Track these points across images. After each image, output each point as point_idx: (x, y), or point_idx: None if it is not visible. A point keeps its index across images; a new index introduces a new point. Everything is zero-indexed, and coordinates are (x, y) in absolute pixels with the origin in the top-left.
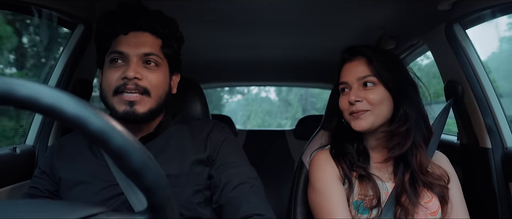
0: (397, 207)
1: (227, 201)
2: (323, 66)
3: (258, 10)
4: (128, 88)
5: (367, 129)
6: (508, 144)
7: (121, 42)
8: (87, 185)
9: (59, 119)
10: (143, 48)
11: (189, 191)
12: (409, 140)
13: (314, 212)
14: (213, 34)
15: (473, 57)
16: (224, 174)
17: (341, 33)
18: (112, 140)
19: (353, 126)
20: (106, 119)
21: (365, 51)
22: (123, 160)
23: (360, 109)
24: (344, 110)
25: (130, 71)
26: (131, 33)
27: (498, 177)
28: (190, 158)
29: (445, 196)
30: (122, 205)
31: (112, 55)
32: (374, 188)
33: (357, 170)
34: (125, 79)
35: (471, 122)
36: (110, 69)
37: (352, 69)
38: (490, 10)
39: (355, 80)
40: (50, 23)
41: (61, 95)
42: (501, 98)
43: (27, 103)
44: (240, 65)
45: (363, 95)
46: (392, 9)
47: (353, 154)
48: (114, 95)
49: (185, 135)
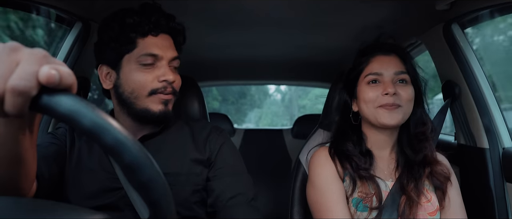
0: (400, 204)
1: (223, 210)
2: (321, 65)
3: (256, 9)
4: (167, 91)
5: (396, 124)
6: (505, 144)
7: (151, 44)
8: (93, 174)
9: (76, 128)
10: (172, 51)
11: (188, 191)
12: (432, 142)
13: (312, 210)
14: (212, 33)
15: (471, 57)
16: (222, 181)
17: (339, 33)
18: (124, 154)
19: (381, 119)
20: (120, 130)
21: (399, 48)
22: (133, 174)
23: (396, 103)
24: (371, 102)
25: (170, 74)
26: (161, 35)
27: (495, 177)
28: (190, 158)
29: (444, 188)
30: (121, 199)
31: (145, 57)
32: (375, 187)
33: (361, 172)
34: (165, 82)
35: (468, 122)
36: (141, 71)
37: (388, 62)
38: (488, 10)
39: (392, 74)
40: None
41: (79, 105)
42: None
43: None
44: (238, 64)
45: (398, 90)
46: (390, 8)
47: (358, 156)
48: (149, 96)
49: (185, 134)
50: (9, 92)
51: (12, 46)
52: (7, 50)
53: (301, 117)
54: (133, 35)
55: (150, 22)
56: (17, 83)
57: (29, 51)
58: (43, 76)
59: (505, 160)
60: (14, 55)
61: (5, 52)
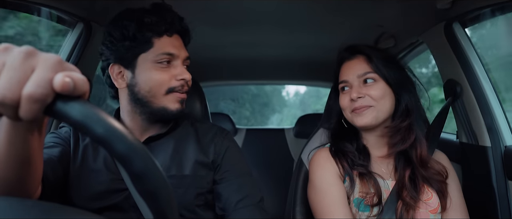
0: (398, 204)
1: (232, 213)
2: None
3: (257, 9)
4: (184, 89)
5: (370, 124)
6: (507, 143)
7: (167, 44)
8: (98, 174)
9: (89, 135)
10: (184, 51)
11: (192, 193)
12: (412, 134)
13: (314, 211)
14: (212, 33)
15: (472, 56)
16: (229, 185)
17: (341, 32)
18: (135, 163)
19: (356, 122)
20: (132, 139)
21: (363, 49)
22: (141, 182)
23: (363, 105)
24: (345, 109)
25: (186, 74)
26: (175, 35)
27: (497, 175)
28: (195, 160)
29: (443, 190)
30: (125, 200)
31: (162, 56)
32: (375, 186)
33: (358, 169)
34: (182, 81)
35: (470, 121)
36: (158, 70)
37: (351, 67)
38: (490, 8)
39: (355, 78)
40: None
41: (92, 112)
42: None
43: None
44: (239, 64)
45: (364, 92)
46: (391, 7)
47: (354, 153)
48: (166, 94)
49: (190, 136)
50: (25, 99)
51: (28, 51)
52: (23, 55)
53: (303, 117)
54: (150, 34)
55: (166, 22)
56: (34, 90)
57: (44, 57)
58: (58, 84)
59: (507, 158)
60: (30, 60)
61: (21, 57)
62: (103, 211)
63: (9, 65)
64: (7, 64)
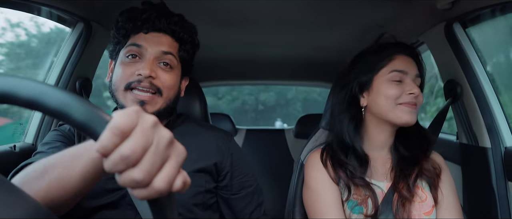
0: (394, 197)
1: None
2: (323, 65)
3: (258, 9)
4: (142, 86)
5: (413, 123)
6: (507, 143)
7: (140, 39)
8: None
9: (41, 111)
10: (161, 46)
11: (190, 192)
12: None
13: (308, 212)
14: (213, 33)
15: (472, 57)
16: (243, 196)
17: (341, 32)
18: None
19: (402, 117)
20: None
21: (417, 54)
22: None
23: (416, 103)
24: (393, 99)
25: (146, 68)
26: (151, 32)
27: (497, 176)
28: (195, 160)
29: (435, 183)
30: (122, 199)
31: (130, 48)
32: (370, 190)
33: (356, 182)
34: (140, 76)
35: (470, 122)
36: (125, 63)
37: (410, 63)
38: (490, 9)
39: (413, 75)
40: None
41: (42, 88)
42: None
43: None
44: (239, 64)
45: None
46: (391, 8)
47: (354, 165)
48: (125, 90)
49: (190, 136)
50: (152, 189)
51: (170, 139)
52: (167, 143)
53: (303, 117)
54: (128, 30)
55: (147, 19)
56: (163, 187)
57: (178, 152)
58: (177, 188)
59: (507, 159)
60: (169, 150)
61: (165, 144)
62: (99, 210)
63: (154, 149)
64: (153, 146)
